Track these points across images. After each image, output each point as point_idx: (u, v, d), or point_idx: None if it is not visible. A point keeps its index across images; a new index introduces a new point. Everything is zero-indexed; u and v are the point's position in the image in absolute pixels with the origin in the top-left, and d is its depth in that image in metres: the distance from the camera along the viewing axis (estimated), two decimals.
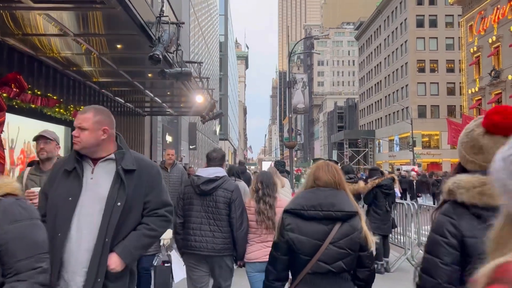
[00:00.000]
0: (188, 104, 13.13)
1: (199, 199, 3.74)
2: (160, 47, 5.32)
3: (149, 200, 2.30)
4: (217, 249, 3.66)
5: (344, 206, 2.27)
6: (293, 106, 20.87)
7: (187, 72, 6.75)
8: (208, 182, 3.74)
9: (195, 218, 3.73)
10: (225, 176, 3.86)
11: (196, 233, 3.69)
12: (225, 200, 3.71)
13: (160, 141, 19.33)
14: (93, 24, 6.40)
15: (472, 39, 42.97)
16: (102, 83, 10.26)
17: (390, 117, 66.20)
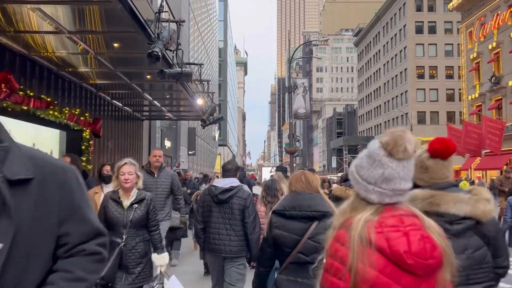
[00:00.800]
0: (188, 108, 12.80)
1: (217, 207, 4.22)
2: (160, 44, 4.99)
3: (67, 232, 1.35)
4: (233, 251, 4.16)
5: (320, 207, 2.73)
6: (293, 112, 20.56)
7: (187, 73, 6.42)
8: (224, 191, 4.20)
9: (214, 223, 4.23)
10: (239, 185, 4.33)
11: (215, 237, 4.20)
12: (240, 207, 4.17)
13: (159, 146, 18.97)
14: (89, 21, 6.08)
15: (472, 45, 42.86)
16: (99, 86, 9.92)
17: (389, 124, 65.99)
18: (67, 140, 9.28)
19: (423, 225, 1.43)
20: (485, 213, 1.99)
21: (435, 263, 1.39)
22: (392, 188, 1.45)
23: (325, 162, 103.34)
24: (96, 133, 9.49)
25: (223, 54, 62.26)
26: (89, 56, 7.53)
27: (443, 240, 1.43)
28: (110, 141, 11.54)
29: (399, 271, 1.36)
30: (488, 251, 2.02)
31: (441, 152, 2.10)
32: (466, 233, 1.98)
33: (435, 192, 2.02)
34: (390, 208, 1.46)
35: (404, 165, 1.48)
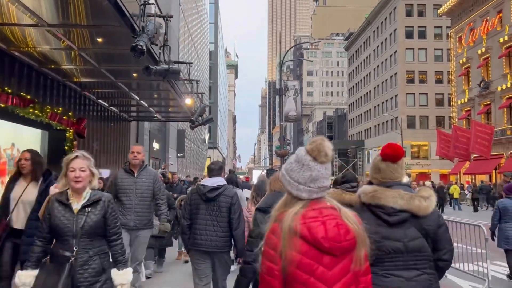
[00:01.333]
0: (176, 109, 12.46)
1: (205, 204, 4.46)
2: (144, 38, 4.68)
3: None
4: (219, 246, 4.36)
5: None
6: (284, 114, 20.32)
7: (175, 70, 6.10)
8: (212, 190, 4.45)
9: (201, 220, 4.44)
10: (225, 184, 4.58)
11: (202, 232, 4.41)
12: (227, 205, 4.41)
13: (147, 149, 18.54)
14: (72, 14, 5.75)
15: (461, 50, 43.19)
16: (83, 84, 9.54)
17: (379, 128, 66.29)
18: (49, 141, 8.86)
19: (339, 214, 1.79)
20: (421, 208, 2.31)
21: (349, 245, 1.74)
22: (318, 185, 1.81)
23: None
24: (80, 133, 9.11)
25: (213, 57, 61.95)
26: (73, 53, 7.20)
27: (357, 226, 1.78)
28: (95, 142, 11.14)
29: (320, 253, 1.72)
30: (425, 242, 2.31)
31: (392, 156, 2.44)
32: (403, 224, 2.31)
33: (378, 188, 2.40)
34: (314, 202, 1.81)
35: (326, 166, 1.86)
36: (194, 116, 10.45)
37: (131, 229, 5.12)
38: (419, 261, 2.30)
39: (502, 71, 36.20)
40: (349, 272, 1.76)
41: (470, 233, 6.70)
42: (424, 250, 2.31)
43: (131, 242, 5.20)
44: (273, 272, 1.72)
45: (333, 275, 1.73)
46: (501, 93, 35.93)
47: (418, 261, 2.30)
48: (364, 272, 1.83)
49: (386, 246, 2.28)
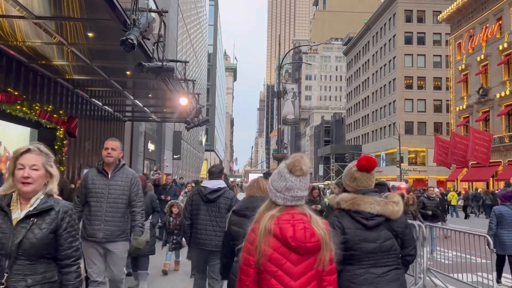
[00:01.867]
0: (172, 109, 12.18)
1: (205, 205, 4.73)
2: (135, 32, 4.38)
3: None
4: (218, 245, 4.31)
5: None
6: (282, 117, 20.04)
7: (168, 68, 5.81)
8: (213, 192, 4.72)
9: (201, 220, 4.71)
10: (225, 187, 4.86)
11: (202, 232, 4.68)
12: (226, 206, 4.65)
13: (142, 150, 18.20)
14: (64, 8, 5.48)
15: (460, 57, 43.14)
16: (76, 82, 9.23)
17: (377, 133, 66.17)
18: (39, 139, 8.51)
19: (309, 220, 2.10)
20: (393, 212, 2.65)
21: (312, 246, 2.04)
22: (292, 194, 2.12)
23: (312, 170, 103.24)
24: (71, 132, 8.81)
25: (212, 59, 61.71)
26: (65, 49, 6.92)
27: (323, 232, 2.08)
28: (87, 142, 10.82)
29: (288, 250, 2.04)
30: (395, 242, 2.66)
31: (367, 167, 2.75)
32: (379, 227, 2.63)
33: (356, 195, 2.68)
34: (288, 208, 2.12)
35: (301, 179, 2.14)
36: (189, 117, 10.14)
37: (99, 241, 4.22)
38: (390, 259, 2.66)
39: (501, 78, 36.12)
40: (312, 270, 2.09)
41: (475, 242, 6.45)
42: (394, 249, 2.70)
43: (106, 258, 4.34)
44: (250, 263, 2.09)
45: (298, 270, 2.07)
46: (500, 100, 35.83)
47: (389, 259, 2.66)
48: (329, 272, 2.13)
49: (364, 247, 2.63)
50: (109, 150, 4.36)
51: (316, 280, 2.09)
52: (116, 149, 4.40)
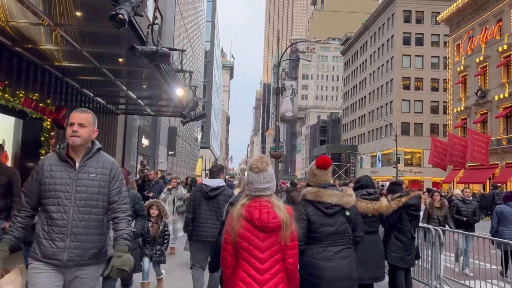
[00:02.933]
0: (167, 102, 11.65)
1: (206, 201, 5.19)
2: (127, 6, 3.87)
3: None
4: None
5: None
6: (281, 115, 19.57)
7: (164, 53, 5.32)
8: (213, 189, 5.18)
9: (203, 215, 5.17)
10: (224, 185, 5.33)
11: (204, 225, 5.14)
12: (225, 203, 4.67)
13: (135, 145, 17.63)
14: None
15: (459, 58, 42.87)
16: (65, 69, 8.67)
17: (373, 133, 65.97)
18: (23, 130, 7.99)
19: (272, 206, 2.65)
20: (347, 203, 3.33)
21: (274, 226, 2.59)
22: (254, 187, 2.69)
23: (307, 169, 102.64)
24: (59, 123, 8.26)
25: (209, 56, 61.12)
26: (54, 34, 6.39)
27: (284, 215, 2.63)
28: None
29: (255, 230, 2.60)
30: (348, 226, 3.35)
31: (323, 165, 3.44)
32: (336, 214, 3.31)
33: (319, 189, 3.36)
34: (256, 197, 2.69)
35: (259, 175, 2.69)
36: (185, 110, 9.61)
37: (62, 265, 2.79)
38: (343, 240, 3.32)
39: (500, 80, 35.88)
40: (276, 245, 2.61)
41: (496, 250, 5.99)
42: (348, 232, 3.34)
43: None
44: (228, 241, 2.64)
45: (264, 245, 2.60)
46: (498, 102, 35.58)
47: (343, 240, 3.31)
48: (290, 247, 2.64)
49: (325, 230, 3.27)
50: (76, 125, 2.81)
51: (280, 253, 2.63)
52: (86, 125, 2.85)
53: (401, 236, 4.87)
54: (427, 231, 5.90)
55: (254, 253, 2.60)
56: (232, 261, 2.67)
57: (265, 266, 2.60)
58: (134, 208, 4.69)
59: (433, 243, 5.67)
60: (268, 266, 2.61)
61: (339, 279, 3.22)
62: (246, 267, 2.62)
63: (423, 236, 6.07)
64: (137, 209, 4.87)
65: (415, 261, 5.18)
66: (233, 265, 2.68)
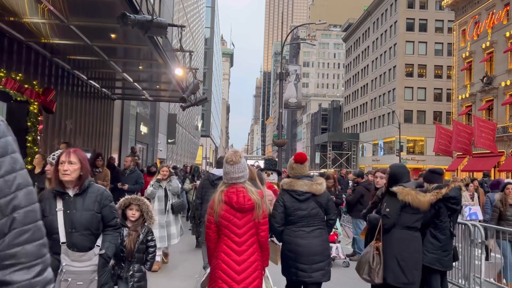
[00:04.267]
0: (167, 86, 10.91)
1: (212, 189, 5.35)
2: None
3: None
4: None
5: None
6: (284, 101, 18.82)
7: (160, 23, 4.60)
8: (218, 178, 5.51)
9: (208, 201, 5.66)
10: None
11: None
12: None
13: (133, 133, 16.91)
14: None
15: (465, 44, 41.96)
16: (54, 48, 7.90)
17: (375, 121, 65.29)
18: (7, 114, 7.22)
19: (246, 190, 3.30)
20: (317, 190, 3.96)
21: (249, 207, 3.26)
22: (230, 177, 3.32)
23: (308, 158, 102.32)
24: (47, 107, 7.55)
25: (209, 42, 60.05)
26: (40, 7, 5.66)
27: (257, 198, 3.31)
28: (69, 120, 9.54)
29: (233, 211, 3.25)
30: (320, 210, 3.97)
31: (300, 160, 4.13)
32: (308, 200, 3.95)
33: (292, 179, 4.03)
34: (233, 185, 3.32)
35: (234, 166, 3.31)
36: (185, 93, 8.85)
37: None
38: (315, 222, 3.97)
39: (507, 66, 35.02)
40: (251, 222, 3.31)
41: None
42: (319, 215, 4.00)
43: None
44: (211, 220, 3.34)
45: (241, 223, 3.29)
46: (505, 89, 34.77)
47: (315, 222, 3.97)
48: (262, 223, 3.37)
49: (298, 213, 3.94)
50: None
51: (254, 228, 3.32)
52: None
53: (438, 234, 4.19)
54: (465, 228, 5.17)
55: (233, 229, 3.28)
56: (215, 237, 3.35)
57: (242, 240, 3.28)
58: (102, 215, 3.17)
59: (472, 241, 4.97)
60: (244, 239, 3.28)
61: (313, 254, 3.85)
62: (227, 241, 3.28)
63: (464, 233, 5.25)
64: (105, 216, 3.19)
65: (453, 263, 4.49)
66: (216, 240, 3.36)
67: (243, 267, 3.22)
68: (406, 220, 3.89)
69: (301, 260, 3.81)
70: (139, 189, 8.40)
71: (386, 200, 4.08)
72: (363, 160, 69.88)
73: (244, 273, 3.22)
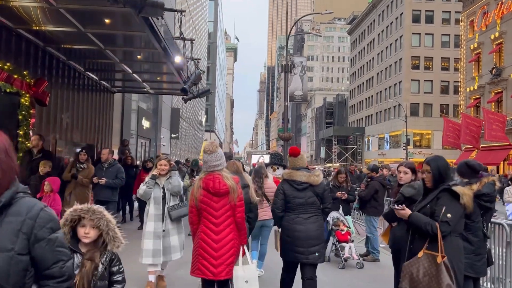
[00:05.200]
0: (169, 78, 10.42)
1: None
2: None
3: None
4: None
5: (243, 181, 4.63)
6: (289, 94, 18.27)
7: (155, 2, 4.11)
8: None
9: None
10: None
11: None
12: None
13: (135, 128, 16.44)
14: None
15: (473, 35, 41.18)
16: (47, 36, 7.40)
17: (381, 115, 64.63)
18: None
19: (222, 177, 3.77)
20: (314, 181, 4.38)
21: (224, 191, 3.73)
22: (208, 165, 3.80)
23: (313, 152, 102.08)
24: (40, 99, 7.08)
25: (212, 36, 59.40)
26: None
27: (232, 183, 3.77)
28: (65, 114, 9.07)
29: (210, 195, 3.75)
30: (316, 199, 4.39)
31: (292, 153, 4.60)
32: (305, 189, 4.37)
33: (292, 171, 4.47)
34: (211, 172, 3.80)
35: (211, 155, 3.79)
36: (187, 84, 8.29)
37: None
38: (312, 209, 4.39)
39: None
40: (227, 205, 3.78)
41: None
42: (316, 203, 4.42)
43: None
44: (192, 204, 3.85)
45: (218, 205, 3.77)
46: None
47: (312, 209, 4.39)
48: (238, 205, 3.81)
49: (296, 201, 4.35)
50: None
51: (230, 210, 3.79)
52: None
53: (470, 236, 3.62)
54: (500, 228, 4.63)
55: (211, 211, 3.73)
56: (196, 219, 3.83)
57: (219, 221, 3.71)
58: (33, 258, 1.75)
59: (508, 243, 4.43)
60: (221, 220, 3.71)
61: (309, 238, 4.23)
62: (206, 222, 3.74)
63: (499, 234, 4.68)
64: (40, 258, 1.75)
65: (486, 269, 3.95)
66: (197, 221, 3.84)
67: (220, 245, 3.71)
68: (461, 225, 3.36)
69: (298, 243, 4.25)
70: (120, 184, 7.54)
71: (443, 202, 3.30)
72: (368, 154, 69.26)
73: (221, 250, 3.70)
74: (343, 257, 6.28)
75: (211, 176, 3.75)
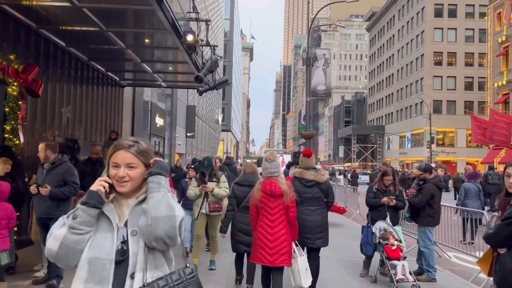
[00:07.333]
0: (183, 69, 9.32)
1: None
2: None
3: None
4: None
5: (255, 180, 5.12)
6: (312, 88, 17.01)
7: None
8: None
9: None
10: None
11: None
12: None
13: (147, 125, 15.42)
14: None
15: (500, 28, 39.37)
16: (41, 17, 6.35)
17: (402, 112, 62.89)
18: None
19: (278, 181, 4.57)
20: (320, 179, 5.18)
21: (279, 193, 4.51)
22: (267, 171, 4.62)
23: (331, 151, 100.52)
24: (31, 89, 6.05)
25: (229, 35, 58.43)
26: None
27: (285, 187, 4.55)
28: (66, 108, 8.05)
29: (268, 196, 4.54)
30: (321, 194, 5.22)
31: (306, 155, 5.37)
32: (313, 186, 5.16)
33: (302, 170, 5.25)
34: (268, 178, 4.62)
35: (271, 163, 4.63)
36: (202, 71, 7.14)
37: None
38: (318, 203, 5.19)
39: None
40: (282, 204, 4.48)
41: None
42: (321, 198, 5.23)
43: None
44: (253, 203, 4.58)
45: (274, 205, 4.48)
46: None
47: (318, 203, 5.20)
48: (290, 206, 4.49)
49: (305, 196, 5.11)
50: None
51: (284, 209, 4.48)
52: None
53: None
54: None
55: (268, 210, 4.52)
56: (256, 216, 4.61)
57: (274, 217, 4.49)
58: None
59: None
60: (276, 217, 4.50)
61: (316, 226, 5.13)
62: (263, 219, 4.53)
63: None
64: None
65: None
66: (257, 218, 4.60)
67: (274, 237, 4.42)
68: None
69: (306, 231, 5.05)
70: (73, 194, 5.08)
71: None
72: (389, 153, 67.48)
73: (275, 241, 4.42)
74: (395, 278, 5.05)
75: (269, 181, 4.54)
